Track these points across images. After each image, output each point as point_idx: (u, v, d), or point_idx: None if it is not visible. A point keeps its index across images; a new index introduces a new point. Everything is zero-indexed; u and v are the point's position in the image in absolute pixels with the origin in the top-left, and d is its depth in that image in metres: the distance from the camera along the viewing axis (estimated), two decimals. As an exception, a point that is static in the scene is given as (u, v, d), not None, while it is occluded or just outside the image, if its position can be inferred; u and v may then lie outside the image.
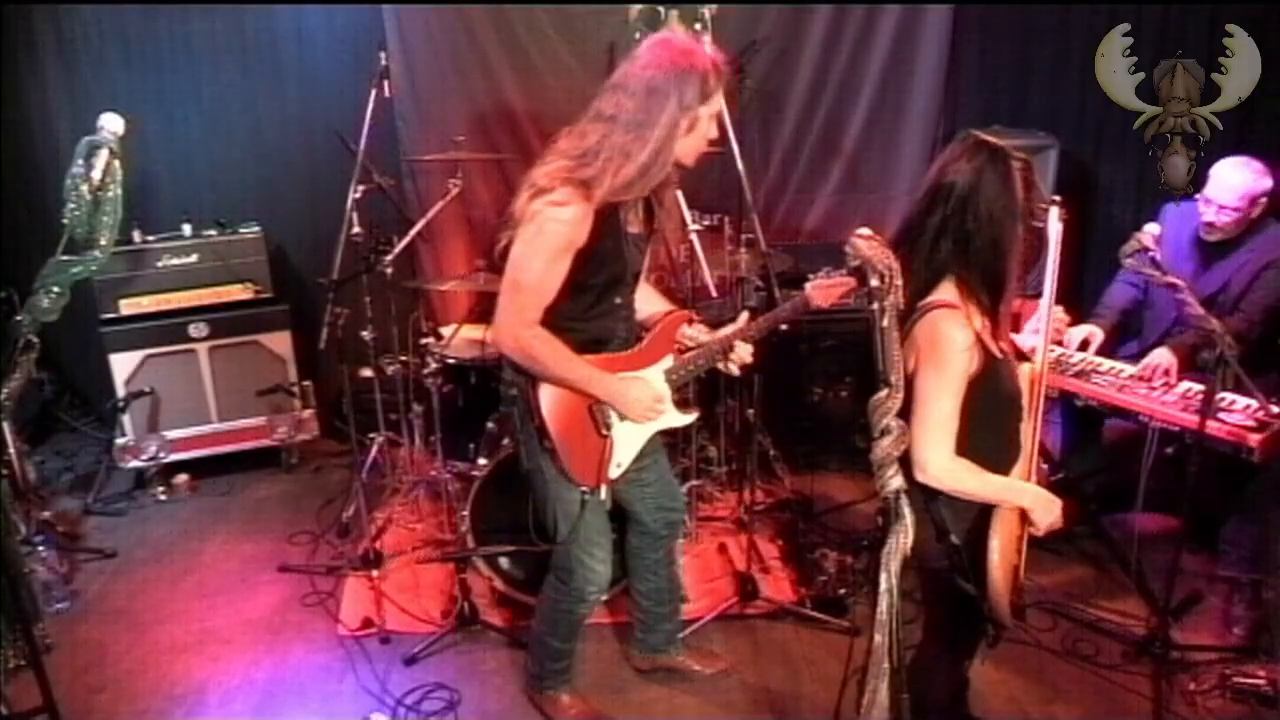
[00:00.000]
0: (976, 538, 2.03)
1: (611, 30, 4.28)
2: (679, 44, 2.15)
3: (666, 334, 2.51)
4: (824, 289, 2.58)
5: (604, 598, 3.18)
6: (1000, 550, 2.03)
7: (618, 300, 2.39)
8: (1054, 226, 2.14)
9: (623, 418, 2.41)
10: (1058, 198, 2.18)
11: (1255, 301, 3.24)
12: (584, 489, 2.40)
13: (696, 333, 2.56)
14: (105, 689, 2.94)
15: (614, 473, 2.45)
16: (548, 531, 2.50)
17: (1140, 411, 3.03)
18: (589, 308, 2.34)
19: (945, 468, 1.95)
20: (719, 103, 2.19)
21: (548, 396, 2.33)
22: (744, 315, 2.56)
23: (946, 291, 2.00)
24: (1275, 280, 3.24)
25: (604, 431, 2.39)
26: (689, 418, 2.64)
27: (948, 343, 1.94)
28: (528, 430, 2.38)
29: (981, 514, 2.05)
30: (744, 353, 2.50)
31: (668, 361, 2.50)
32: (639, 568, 2.79)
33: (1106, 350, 3.37)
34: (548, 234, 2.15)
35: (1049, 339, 2.26)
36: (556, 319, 2.28)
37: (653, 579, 2.80)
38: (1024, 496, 2.08)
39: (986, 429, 2.03)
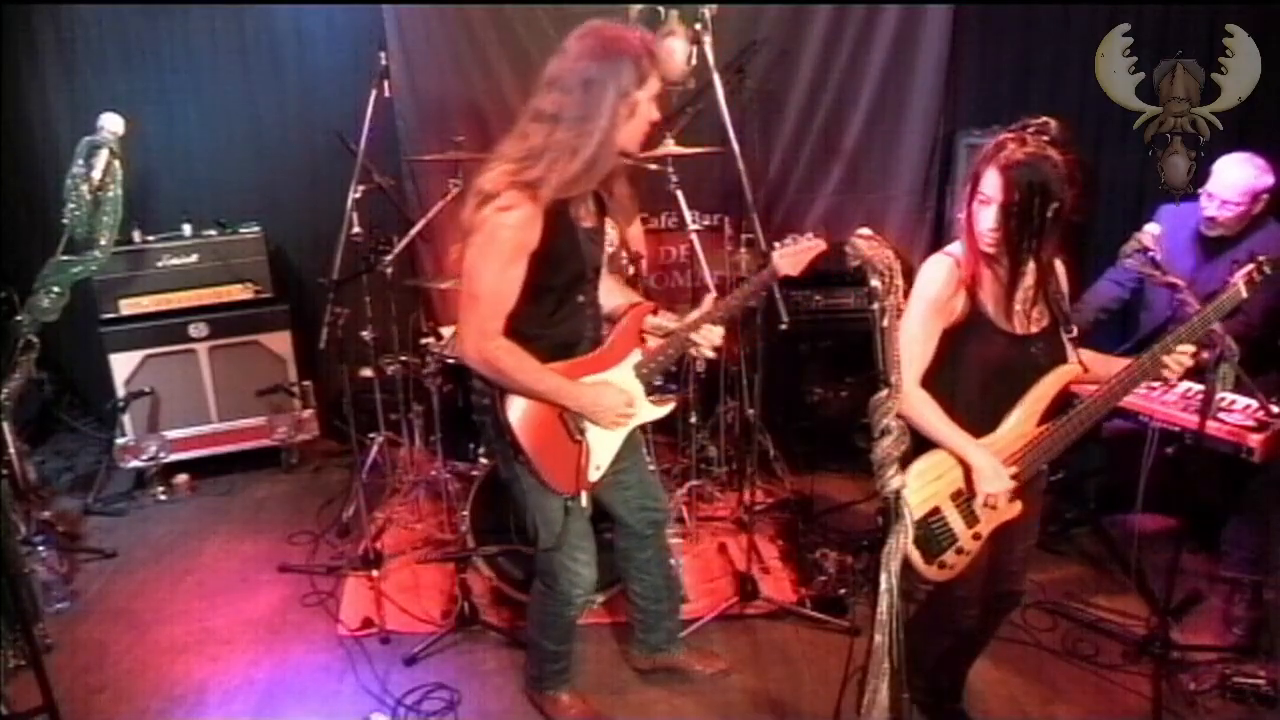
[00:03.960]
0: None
1: (611, 30, 4.29)
2: (607, 32, 2.13)
3: (630, 329, 2.46)
4: (792, 256, 2.48)
5: (600, 599, 3.20)
6: (924, 487, 2.15)
7: (581, 299, 2.36)
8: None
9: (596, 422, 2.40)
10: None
11: (1255, 301, 3.23)
12: (566, 496, 2.38)
13: (662, 321, 2.51)
14: (105, 689, 2.94)
15: (594, 475, 2.42)
16: (526, 536, 2.50)
17: (1140, 411, 3.03)
18: (553, 311, 2.31)
19: (906, 390, 1.99)
20: (656, 84, 2.16)
21: (517, 410, 2.29)
22: (709, 298, 2.52)
23: (955, 246, 2.23)
24: (1275, 281, 3.23)
25: (577, 437, 2.36)
26: (664, 410, 2.56)
27: (921, 275, 2.22)
28: (501, 443, 2.36)
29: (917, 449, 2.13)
30: (714, 335, 2.42)
31: (635, 356, 2.46)
32: (630, 568, 2.78)
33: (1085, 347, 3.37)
34: (498, 240, 2.12)
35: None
36: (521, 326, 2.24)
37: (646, 578, 2.79)
38: (972, 455, 2.16)
39: (968, 386, 2.19)
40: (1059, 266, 2.28)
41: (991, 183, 2.08)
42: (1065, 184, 2.06)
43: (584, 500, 2.41)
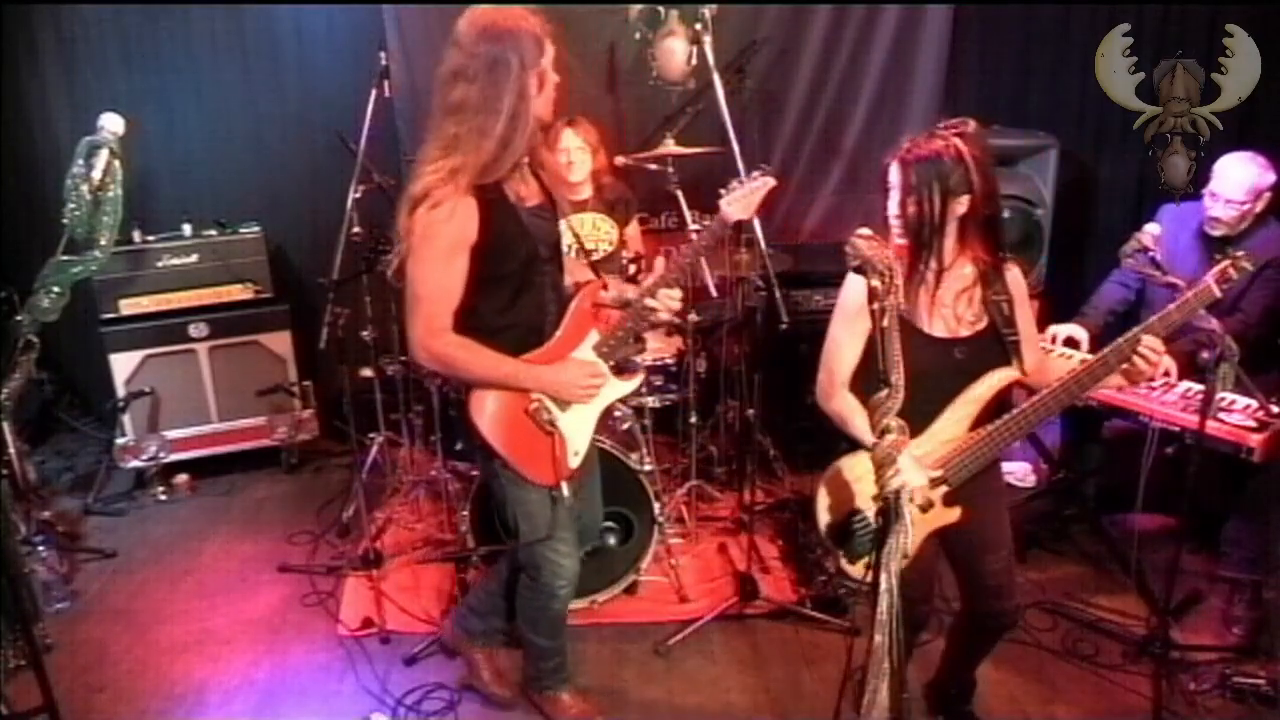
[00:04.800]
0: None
1: (611, 30, 4.29)
2: (493, 14, 2.13)
3: (582, 310, 2.42)
4: (742, 200, 2.40)
5: (600, 599, 3.20)
6: (842, 488, 2.27)
7: (540, 281, 2.34)
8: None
9: (564, 407, 2.36)
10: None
11: (1255, 301, 3.25)
12: (550, 489, 2.36)
13: (616, 294, 2.49)
14: (105, 689, 2.94)
15: (574, 462, 2.40)
16: (509, 530, 2.49)
17: (1140, 411, 3.03)
18: (512, 299, 2.29)
19: (835, 391, 2.29)
20: (553, 50, 2.16)
21: (483, 413, 2.29)
22: (660, 260, 2.51)
23: None
24: (1274, 279, 3.24)
25: (549, 429, 2.34)
26: (632, 383, 2.53)
27: (845, 287, 2.30)
28: (474, 444, 2.37)
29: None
30: (671, 299, 2.38)
31: (594, 337, 2.43)
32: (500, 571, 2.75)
33: (1094, 350, 3.37)
34: (432, 237, 2.13)
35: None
36: (482, 321, 2.24)
37: (502, 587, 2.75)
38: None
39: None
40: (1014, 271, 2.25)
41: (893, 173, 2.18)
42: (968, 179, 2.09)
43: (565, 490, 2.37)
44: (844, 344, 2.25)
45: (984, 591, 2.39)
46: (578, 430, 2.41)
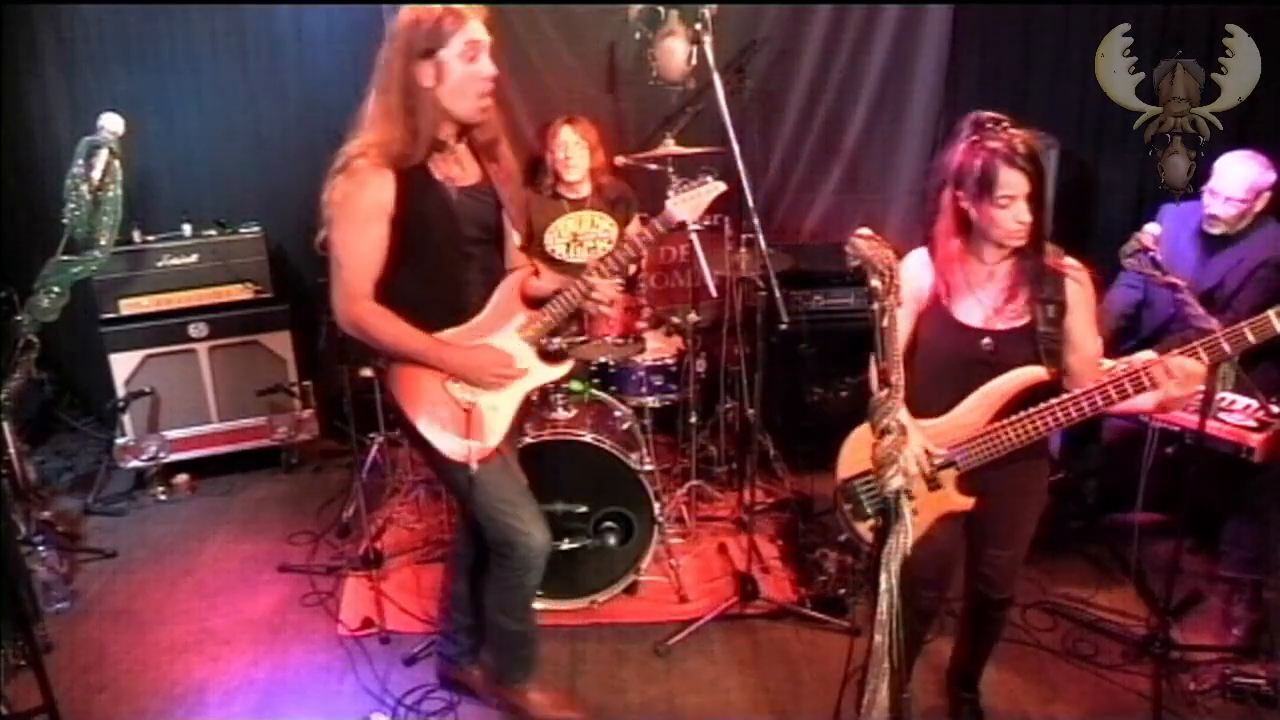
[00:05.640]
0: None
1: (611, 30, 4.29)
2: (415, 8, 2.21)
3: (508, 293, 2.43)
4: (689, 201, 2.41)
5: (601, 598, 3.20)
6: (859, 450, 2.28)
7: (465, 261, 2.35)
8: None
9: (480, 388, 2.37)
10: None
11: (1245, 299, 3.25)
12: (465, 466, 2.36)
13: (546, 283, 2.50)
14: (105, 689, 2.94)
15: (491, 442, 2.39)
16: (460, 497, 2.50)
17: (1140, 411, 3.02)
18: (431, 276, 2.32)
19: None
20: (462, 44, 2.18)
21: (401, 382, 2.35)
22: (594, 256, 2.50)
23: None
24: (1269, 279, 3.25)
25: (465, 406, 2.35)
26: (559, 370, 2.51)
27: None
28: (396, 415, 2.41)
29: None
30: (603, 289, 2.41)
31: (518, 320, 2.43)
32: (471, 572, 2.73)
33: (1108, 353, 3.37)
34: (347, 205, 2.21)
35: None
36: (401, 294, 2.28)
37: (475, 592, 2.72)
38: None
39: (921, 369, 2.23)
40: (1076, 279, 2.23)
41: (1014, 180, 2.09)
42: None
43: (474, 465, 2.34)
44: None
45: (977, 575, 2.45)
46: (495, 411, 2.40)
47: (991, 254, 2.22)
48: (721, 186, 2.45)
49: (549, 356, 2.50)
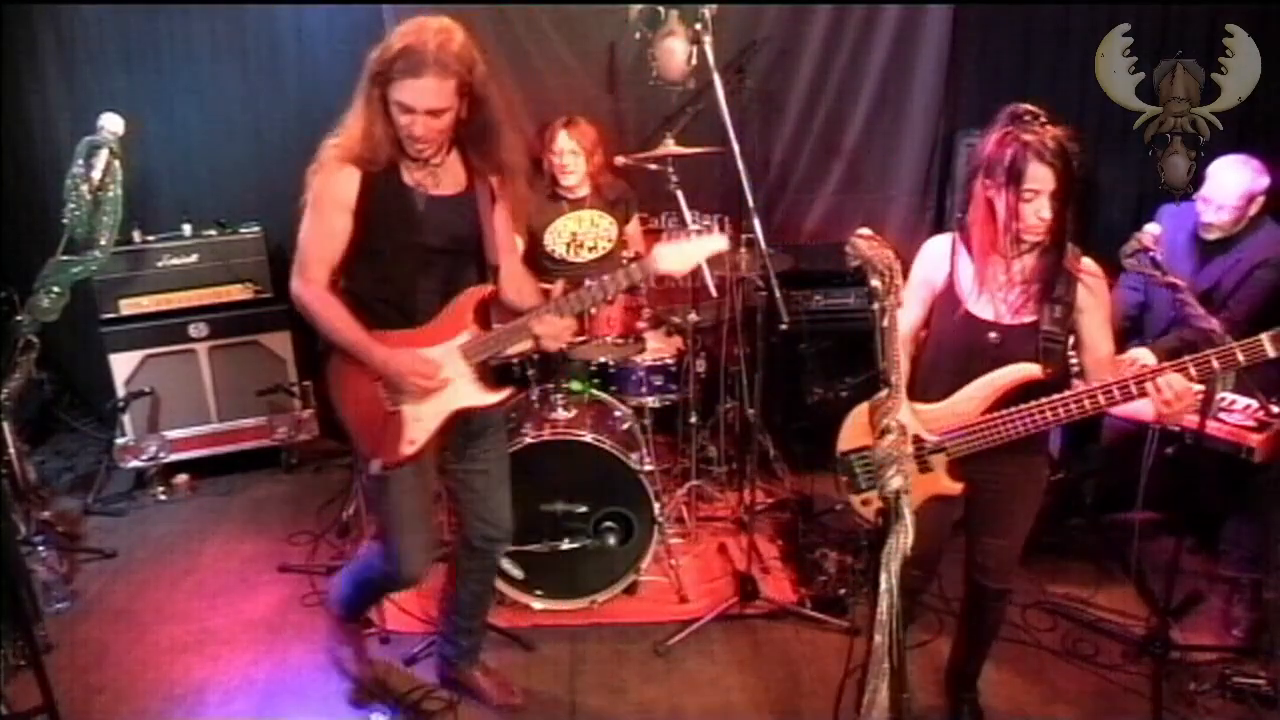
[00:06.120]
0: None
1: (611, 30, 4.29)
2: (412, 22, 2.27)
3: (461, 309, 2.38)
4: (680, 256, 2.32)
5: (601, 598, 3.20)
6: (858, 424, 2.33)
7: (413, 263, 2.33)
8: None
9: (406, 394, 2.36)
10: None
11: (1241, 300, 3.25)
12: (381, 466, 2.36)
13: (530, 299, 2.49)
14: (105, 689, 2.93)
15: (407, 450, 2.37)
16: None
17: (1141, 420, 3.02)
18: (383, 275, 2.34)
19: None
20: (399, 93, 2.18)
21: (335, 371, 2.39)
22: (559, 286, 2.44)
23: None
24: (1265, 280, 3.25)
25: (389, 407, 2.36)
26: (491, 397, 2.42)
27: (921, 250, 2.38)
28: (326, 402, 2.47)
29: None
30: (556, 327, 2.35)
31: (463, 337, 2.38)
32: (457, 571, 2.73)
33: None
34: (313, 193, 2.30)
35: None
36: (353, 285, 2.35)
37: (462, 589, 2.72)
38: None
39: (928, 354, 2.32)
40: (1091, 284, 2.23)
41: (1041, 175, 2.08)
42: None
43: (376, 467, 2.36)
44: (907, 303, 2.19)
45: (974, 564, 2.47)
46: (418, 420, 2.38)
47: (1010, 248, 2.20)
48: (722, 243, 2.36)
49: (487, 380, 2.44)
